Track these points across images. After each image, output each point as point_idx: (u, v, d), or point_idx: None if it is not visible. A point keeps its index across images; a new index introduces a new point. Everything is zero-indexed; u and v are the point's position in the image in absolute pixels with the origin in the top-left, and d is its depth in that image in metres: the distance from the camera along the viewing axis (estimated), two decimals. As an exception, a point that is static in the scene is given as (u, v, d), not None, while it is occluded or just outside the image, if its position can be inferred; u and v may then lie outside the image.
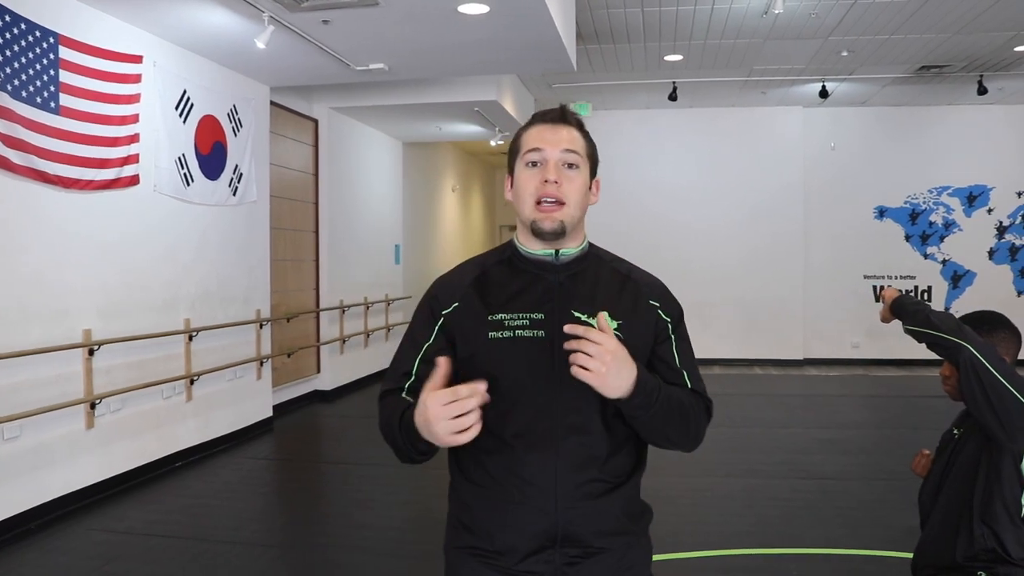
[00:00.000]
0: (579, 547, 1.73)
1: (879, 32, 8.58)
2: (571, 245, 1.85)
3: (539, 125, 1.83)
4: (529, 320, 1.75)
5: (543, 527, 1.72)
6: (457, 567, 1.82)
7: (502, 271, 1.86)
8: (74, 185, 5.62)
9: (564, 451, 1.72)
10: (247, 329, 7.99)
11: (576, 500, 1.72)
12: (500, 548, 1.74)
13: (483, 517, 1.77)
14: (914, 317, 2.61)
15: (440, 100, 9.46)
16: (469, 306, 1.80)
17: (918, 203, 12.68)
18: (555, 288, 1.81)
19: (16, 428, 5.15)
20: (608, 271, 1.88)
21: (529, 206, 1.79)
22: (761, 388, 10.88)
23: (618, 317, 1.77)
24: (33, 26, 5.22)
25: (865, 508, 5.58)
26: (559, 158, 1.78)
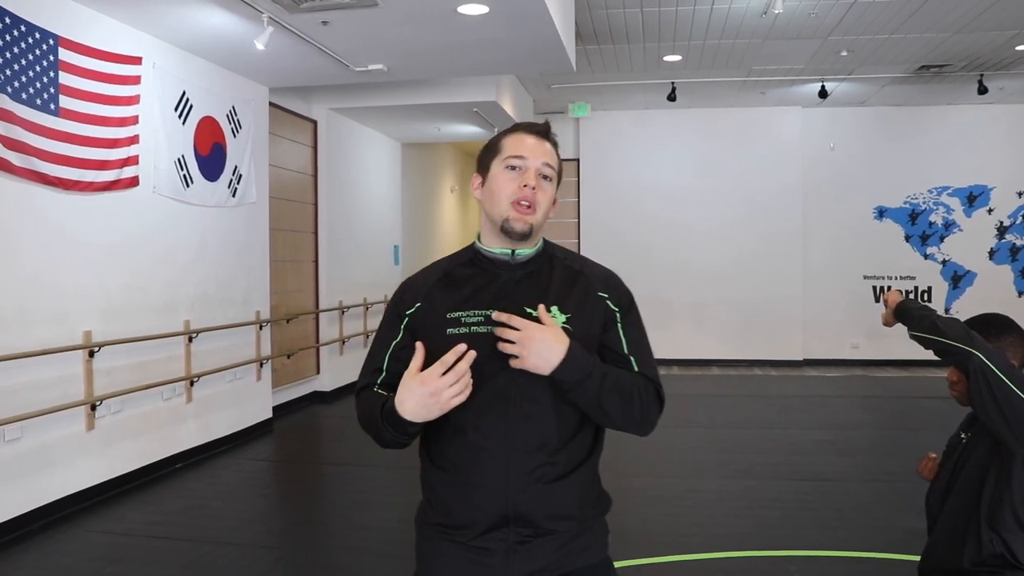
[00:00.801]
0: (530, 527, 1.85)
1: (879, 32, 8.58)
2: (527, 247, 1.98)
3: (525, 134, 1.96)
4: (483, 317, 1.86)
5: (497, 508, 1.83)
6: (423, 540, 1.98)
7: (464, 271, 1.98)
8: (74, 187, 5.61)
9: (517, 438, 1.83)
10: (247, 330, 7.99)
11: (528, 484, 1.83)
12: (459, 524, 1.87)
13: (446, 497, 1.90)
14: (920, 323, 2.59)
15: (439, 101, 9.46)
16: (431, 306, 1.94)
17: (918, 203, 12.68)
18: (509, 286, 1.93)
19: (17, 430, 5.15)
20: (561, 268, 2.00)
21: (505, 205, 1.91)
22: (760, 389, 10.88)
23: (568, 311, 1.90)
24: (33, 28, 5.22)
25: (865, 510, 5.58)
26: (539, 168, 1.92)
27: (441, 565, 1.92)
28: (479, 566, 1.86)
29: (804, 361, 12.81)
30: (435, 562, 1.93)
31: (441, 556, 1.92)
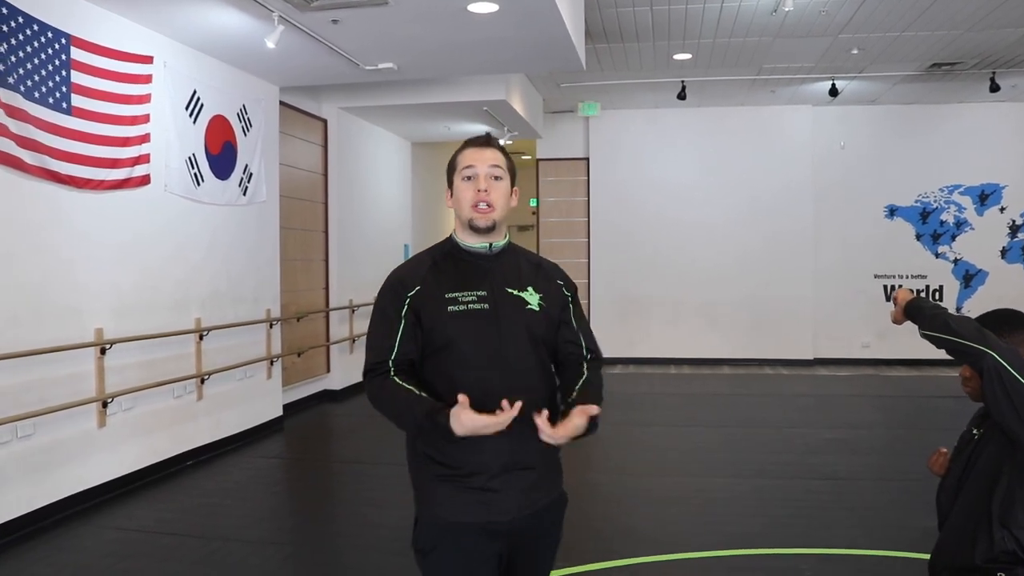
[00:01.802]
0: (527, 468, 2.28)
1: (890, 29, 8.55)
2: (498, 239, 2.38)
3: (470, 148, 2.37)
4: (476, 296, 2.27)
5: (502, 454, 2.22)
6: (432, 492, 2.29)
7: (448, 262, 2.36)
8: (86, 185, 5.64)
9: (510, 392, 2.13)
10: (257, 328, 8.01)
11: (523, 432, 2.15)
12: (469, 472, 2.23)
13: (460, 452, 2.20)
14: (932, 322, 2.57)
15: (449, 100, 9.47)
16: (429, 288, 2.30)
17: (929, 202, 12.62)
18: (491, 272, 2.34)
19: (30, 426, 5.17)
20: (524, 259, 2.44)
21: (467, 209, 2.31)
22: (770, 388, 10.86)
23: (539, 291, 2.36)
24: (46, 27, 5.24)
25: (877, 508, 5.56)
26: (487, 172, 2.32)
27: (456, 508, 2.25)
28: (490, 505, 2.24)
29: (815, 360, 12.77)
30: (449, 506, 2.26)
31: (455, 501, 2.25)
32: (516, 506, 2.26)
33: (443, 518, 2.27)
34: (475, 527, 2.24)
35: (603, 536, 5.11)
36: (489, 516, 2.24)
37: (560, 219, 13.50)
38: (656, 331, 13.06)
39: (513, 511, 2.26)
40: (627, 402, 9.94)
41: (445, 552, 2.27)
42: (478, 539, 2.25)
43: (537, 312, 2.32)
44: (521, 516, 2.27)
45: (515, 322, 2.28)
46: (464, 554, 2.26)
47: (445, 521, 2.27)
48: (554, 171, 13.55)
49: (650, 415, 9.09)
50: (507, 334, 2.26)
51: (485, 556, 2.27)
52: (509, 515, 2.25)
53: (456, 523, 2.25)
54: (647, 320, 13.07)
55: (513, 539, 2.30)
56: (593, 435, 2.26)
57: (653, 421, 8.76)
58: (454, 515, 2.25)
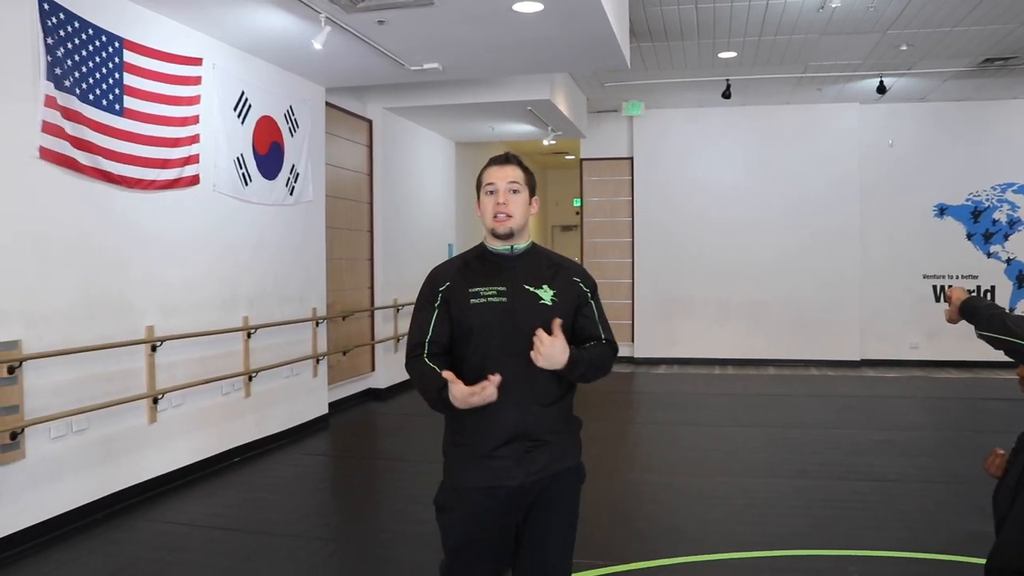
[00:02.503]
0: (533, 440, 2.58)
1: (940, 24, 8.41)
2: (520, 243, 2.72)
3: (492, 167, 2.73)
4: (496, 292, 2.63)
5: (511, 427, 2.56)
6: (452, 458, 2.67)
7: (477, 262, 2.73)
8: (137, 185, 5.75)
9: (522, 375, 2.53)
10: (303, 327, 8.10)
11: (531, 409, 2.57)
12: (482, 441, 2.57)
13: (472, 426, 2.58)
14: (990, 323, 2.53)
15: (493, 100, 9.50)
16: (458, 284, 2.67)
17: (980, 200, 12.39)
18: (511, 271, 2.69)
19: (84, 421, 5.29)
20: (544, 260, 2.76)
21: (489, 218, 2.68)
22: (816, 389, 10.73)
23: (553, 288, 2.67)
24: (100, 31, 5.36)
25: (926, 511, 5.48)
26: (506, 187, 2.67)
27: (467, 474, 2.60)
28: (497, 471, 2.56)
29: (862, 362, 12.60)
30: (464, 473, 2.61)
31: (467, 468, 2.61)
32: (522, 473, 2.56)
33: (458, 482, 2.63)
34: (483, 491, 2.58)
35: (646, 536, 5.10)
36: (496, 481, 2.56)
37: (604, 219, 13.47)
38: (700, 331, 12.98)
39: (519, 477, 2.56)
40: (671, 402, 9.90)
41: (457, 510, 2.64)
42: (486, 501, 2.58)
43: (550, 307, 2.63)
44: (528, 482, 2.57)
45: (529, 315, 2.59)
46: (473, 514, 2.61)
47: (459, 484, 2.63)
48: (598, 171, 13.52)
49: (694, 415, 9.04)
50: (522, 325, 2.56)
51: (492, 517, 2.60)
52: (515, 480, 2.56)
53: (468, 487, 2.61)
54: (691, 320, 12.99)
55: (522, 505, 2.60)
56: (571, 375, 2.59)
57: (697, 421, 8.71)
58: (466, 480, 2.61)
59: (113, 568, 4.60)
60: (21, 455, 4.84)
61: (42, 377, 4.96)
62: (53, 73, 4.94)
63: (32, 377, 4.89)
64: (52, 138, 4.97)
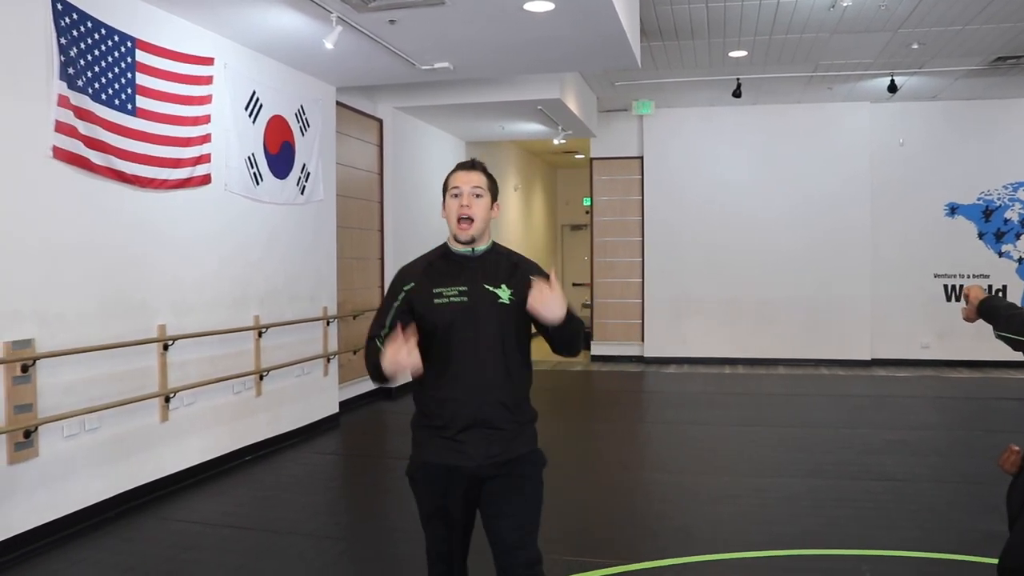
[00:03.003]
0: (491, 428, 2.79)
1: (952, 23, 8.38)
2: (480, 245, 2.91)
3: (459, 172, 2.93)
4: (458, 291, 2.81)
5: (470, 415, 2.77)
6: (419, 438, 2.90)
7: (441, 262, 2.92)
8: (149, 184, 5.77)
9: (482, 369, 2.78)
10: (314, 326, 8.13)
11: (487, 399, 2.78)
12: (445, 425, 2.79)
13: (436, 409, 2.81)
14: (1009, 323, 2.51)
15: (503, 99, 9.51)
16: (422, 284, 2.86)
17: (992, 200, 12.33)
18: (472, 271, 2.87)
19: (96, 420, 5.32)
20: (504, 260, 2.93)
21: (453, 222, 2.86)
22: (827, 388, 10.70)
23: (511, 287, 2.84)
24: (113, 31, 5.38)
25: (938, 511, 5.47)
26: (470, 191, 2.86)
27: (432, 451, 2.83)
28: (458, 452, 2.78)
29: (872, 361, 12.57)
30: (428, 449, 2.85)
31: (432, 446, 2.83)
32: (480, 456, 2.78)
33: (424, 458, 2.87)
34: (445, 467, 2.81)
35: (657, 535, 5.10)
36: (458, 461, 2.79)
37: (614, 218, 13.46)
38: (710, 330, 12.96)
39: (478, 459, 2.78)
40: (681, 401, 9.89)
41: (423, 482, 2.89)
42: (448, 477, 2.82)
43: (508, 305, 2.82)
44: (485, 464, 2.79)
45: (488, 312, 2.80)
46: (436, 486, 2.85)
47: (426, 460, 2.86)
48: (608, 170, 13.51)
49: (704, 414, 9.03)
50: (481, 322, 2.79)
51: (454, 491, 2.83)
52: (474, 461, 2.78)
53: (433, 463, 2.84)
54: (701, 319, 12.97)
55: (480, 482, 2.84)
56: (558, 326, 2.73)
57: (707, 420, 8.70)
58: (432, 456, 2.84)
59: (126, 566, 4.62)
60: (35, 453, 4.86)
61: (55, 376, 4.99)
62: (66, 73, 4.96)
63: (45, 376, 4.91)
64: (65, 137, 4.99)
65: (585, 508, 5.67)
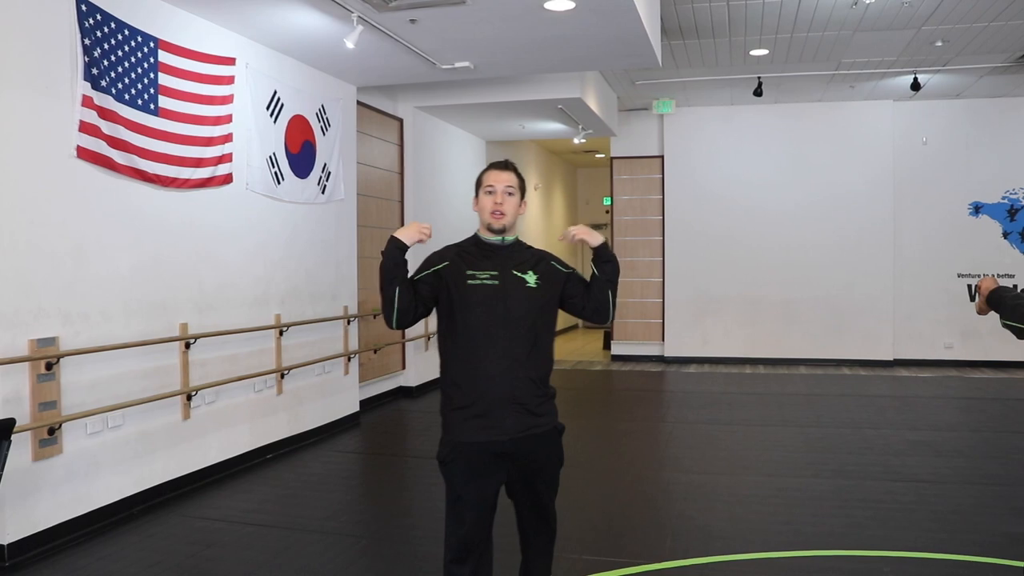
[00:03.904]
0: (520, 402, 3.01)
1: (976, 20, 8.30)
2: (510, 236, 3.18)
3: (492, 171, 3.19)
4: (489, 275, 3.07)
5: (502, 391, 2.99)
6: (450, 420, 3.07)
7: (472, 249, 3.17)
8: (171, 184, 5.81)
9: (511, 347, 3.01)
10: (335, 325, 8.15)
11: (517, 376, 3.01)
12: (477, 401, 3.00)
13: (467, 388, 3.02)
14: (1014, 312, 2.50)
15: (524, 98, 9.51)
16: (456, 265, 3.10)
17: (1017, 198, 12.21)
18: (502, 258, 3.13)
19: (119, 417, 5.36)
20: (529, 251, 3.22)
21: (487, 215, 3.13)
22: (849, 388, 10.63)
23: (537, 273, 3.12)
24: (135, 32, 5.42)
25: (963, 512, 5.41)
26: (503, 189, 3.13)
27: (465, 431, 3.02)
28: (490, 428, 2.99)
29: (895, 361, 12.48)
30: (460, 429, 3.02)
31: (465, 426, 3.02)
32: (513, 429, 3.00)
33: (457, 439, 3.04)
34: (479, 445, 3.01)
35: (678, 534, 5.08)
36: (490, 436, 2.99)
37: (635, 217, 13.43)
38: (732, 330, 12.91)
39: (510, 432, 3.00)
40: (702, 401, 9.85)
41: (458, 463, 3.04)
42: (482, 454, 3.02)
43: (534, 288, 3.09)
44: (518, 438, 3.01)
45: (517, 294, 3.05)
46: (471, 465, 3.03)
47: (458, 441, 3.04)
48: (628, 169, 13.49)
49: (726, 414, 8.99)
50: (511, 303, 3.04)
51: (488, 467, 3.03)
52: (507, 435, 3.00)
53: (466, 442, 3.02)
54: (723, 319, 12.93)
55: (513, 457, 3.04)
56: (605, 262, 3.19)
57: (729, 420, 8.66)
58: (464, 436, 3.02)
59: (149, 562, 4.65)
60: (59, 450, 4.91)
61: (79, 374, 5.03)
62: (90, 73, 5.01)
63: (69, 374, 4.96)
64: (89, 137, 5.03)
65: (606, 508, 5.66)
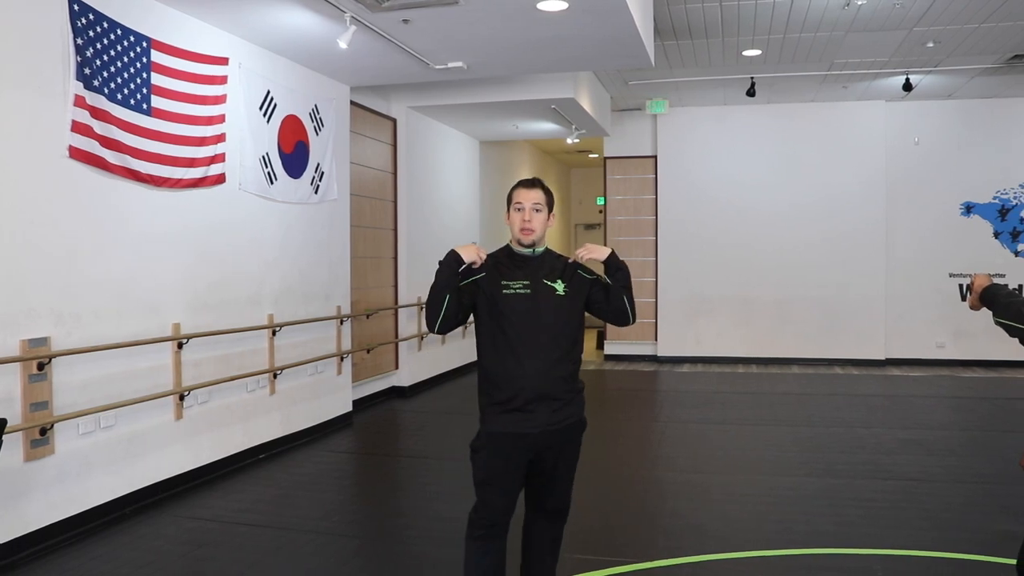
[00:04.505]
0: (553, 399, 3.31)
1: (968, 21, 8.33)
2: (539, 248, 3.46)
3: (521, 188, 3.44)
4: (522, 284, 3.35)
5: (536, 387, 3.28)
6: (488, 413, 3.36)
7: (505, 260, 3.45)
8: (164, 183, 5.80)
9: (543, 350, 3.30)
10: (328, 325, 8.15)
11: (549, 375, 3.30)
12: (512, 398, 3.28)
13: (504, 386, 3.30)
14: (1007, 310, 2.52)
15: (517, 98, 9.51)
16: (492, 275, 3.39)
17: (1008, 199, 12.26)
18: (533, 268, 3.42)
19: (112, 417, 5.36)
20: (558, 261, 3.48)
21: (516, 230, 3.41)
22: (842, 388, 10.66)
23: (564, 281, 3.40)
24: (128, 31, 5.42)
25: (954, 511, 5.44)
26: (531, 207, 3.40)
27: (500, 423, 3.30)
28: (524, 421, 3.27)
29: (887, 361, 12.52)
30: (497, 421, 3.31)
31: (501, 419, 3.31)
32: (544, 422, 3.29)
33: (493, 429, 3.33)
34: (512, 436, 3.29)
35: (671, 533, 5.10)
36: (524, 428, 3.28)
37: (628, 217, 13.45)
38: (724, 330, 12.94)
39: (542, 425, 3.29)
40: (695, 400, 9.87)
41: (488, 450, 3.35)
42: (514, 444, 3.30)
43: (563, 296, 3.38)
44: (548, 431, 3.30)
45: (548, 302, 3.34)
46: (501, 453, 3.33)
47: (494, 431, 3.33)
48: (622, 169, 13.51)
49: (719, 413, 9.01)
50: (542, 309, 3.33)
51: (517, 456, 3.33)
52: (539, 428, 3.29)
53: (500, 432, 3.31)
54: (715, 319, 12.96)
55: (540, 447, 3.33)
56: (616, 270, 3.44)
57: (721, 419, 8.68)
58: (500, 427, 3.31)
59: (141, 563, 4.65)
60: (50, 451, 4.90)
61: (71, 374, 5.02)
62: (82, 73, 5.00)
63: (61, 374, 4.95)
64: (81, 137, 5.03)
65: (599, 506, 5.67)
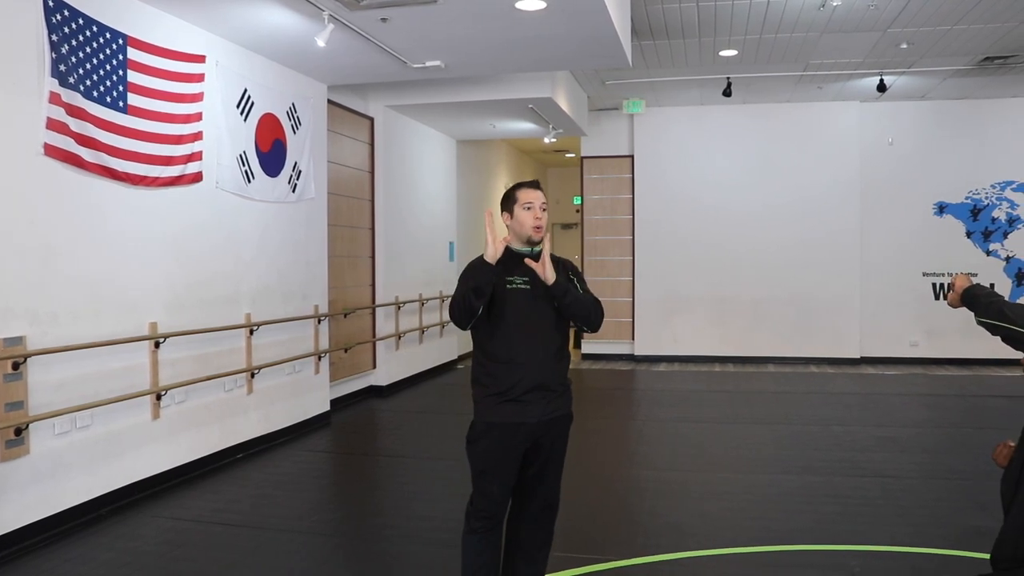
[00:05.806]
0: (547, 389, 3.46)
1: (940, 23, 8.43)
2: (538, 246, 3.54)
3: (527, 189, 3.58)
4: (522, 280, 3.49)
5: (532, 378, 3.42)
6: (484, 404, 3.47)
7: (507, 257, 3.50)
8: (141, 182, 5.77)
9: (542, 342, 3.48)
10: (305, 324, 8.12)
11: (545, 365, 3.47)
12: (509, 389, 3.41)
13: (501, 377, 3.43)
14: (988, 310, 2.56)
15: (495, 97, 9.52)
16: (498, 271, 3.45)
17: (980, 198, 12.41)
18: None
19: (88, 417, 5.31)
20: (554, 259, 3.54)
21: (528, 229, 3.52)
22: (817, 386, 10.75)
23: (558, 275, 3.46)
24: (104, 28, 5.38)
25: (927, 507, 5.50)
26: (540, 206, 3.55)
27: (498, 413, 3.42)
28: (522, 411, 3.40)
29: (861, 359, 12.64)
30: (494, 412, 3.43)
31: (498, 409, 3.43)
32: (539, 412, 3.43)
33: (489, 420, 3.45)
34: (509, 426, 3.42)
35: (649, 531, 5.12)
36: (520, 418, 3.41)
37: (604, 217, 13.49)
38: (701, 329, 13.01)
39: (537, 415, 3.43)
40: (672, 399, 9.92)
41: (486, 441, 3.46)
42: (510, 433, 3.43)
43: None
44: (543, 421, 3.45)
45: (545, 297, 3.47)
46: (499, 443, 3.44)
47: (490, 422, 3.45)
48: (598, 168, 13.55)
49: (696, 412, 9.06)
50: (540, 304, 3.49)
51: (513, 445, 3.44)
52: (535, 418, 3.43)
53: (498, 423, 3.43)
54: (692, 317, 13.03)
55: (534, 437, 3.46)
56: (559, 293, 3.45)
57: (698, 418, 8.73)
58: (496, 418, 3.43)
59: (118, 563, 4.62)
60: (25, 451, 4.86)
61: (46, 373, 4.98)
62: (58, 70, 4.96)
63: (36, 373, 4.91)
64: (57, 135, 4.98)
65: (577, 505, 5.68)
